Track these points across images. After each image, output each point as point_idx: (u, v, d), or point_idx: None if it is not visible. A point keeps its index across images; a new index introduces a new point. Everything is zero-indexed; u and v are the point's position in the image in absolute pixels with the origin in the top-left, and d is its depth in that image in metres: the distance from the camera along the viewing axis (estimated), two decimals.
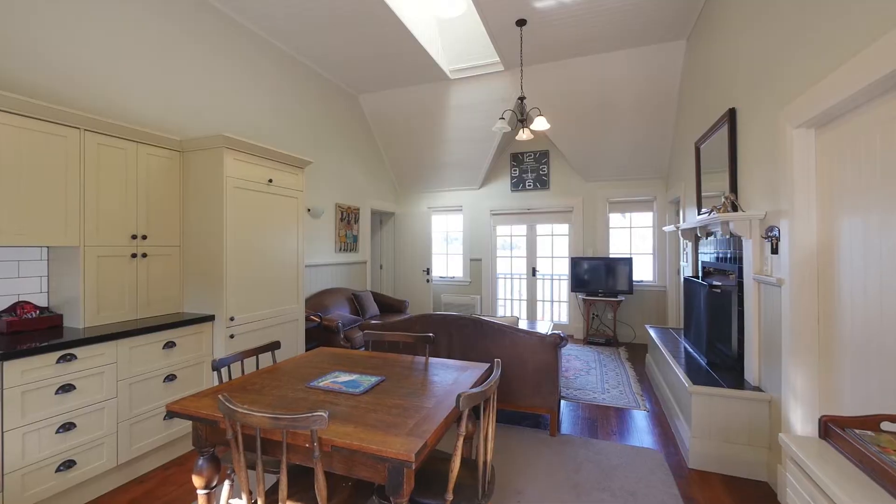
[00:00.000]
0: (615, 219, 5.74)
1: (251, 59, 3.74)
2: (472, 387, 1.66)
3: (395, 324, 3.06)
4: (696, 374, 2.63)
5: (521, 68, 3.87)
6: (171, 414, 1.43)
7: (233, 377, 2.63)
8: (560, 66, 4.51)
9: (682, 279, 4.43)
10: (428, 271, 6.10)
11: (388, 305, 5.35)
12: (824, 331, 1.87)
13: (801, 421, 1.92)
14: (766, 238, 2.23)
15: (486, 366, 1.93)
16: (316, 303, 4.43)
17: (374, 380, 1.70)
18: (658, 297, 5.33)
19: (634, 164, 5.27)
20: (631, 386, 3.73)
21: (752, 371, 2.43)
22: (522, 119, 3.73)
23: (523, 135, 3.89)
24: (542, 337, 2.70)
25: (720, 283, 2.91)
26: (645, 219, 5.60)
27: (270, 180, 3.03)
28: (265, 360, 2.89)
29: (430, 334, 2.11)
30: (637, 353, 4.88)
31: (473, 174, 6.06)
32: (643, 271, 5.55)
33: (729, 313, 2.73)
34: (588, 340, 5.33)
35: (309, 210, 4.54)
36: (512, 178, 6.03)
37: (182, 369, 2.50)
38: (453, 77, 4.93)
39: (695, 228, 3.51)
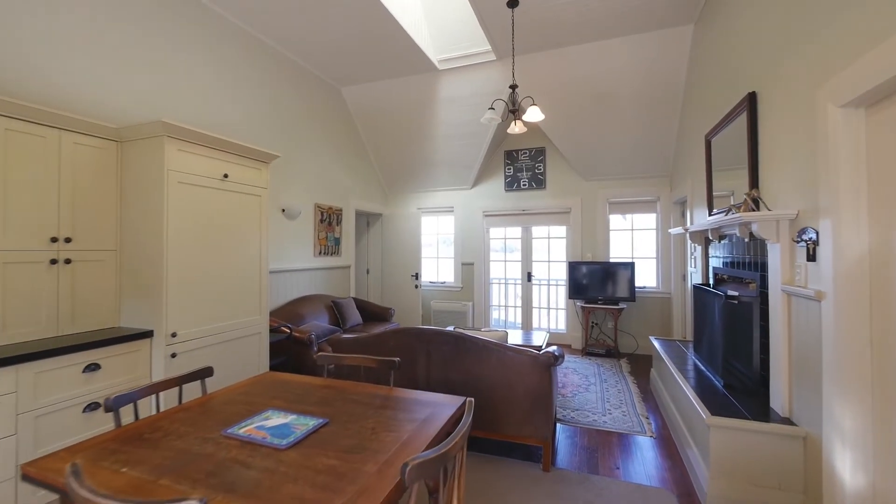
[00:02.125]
0: (616, 221, 5.38)
1: (210, 41, 3.38)
2: (439, 435, 1.29)
3: (368, 339, 2.69)
4: (712, 399, 2.27)
5: (512, 55, 3.53)
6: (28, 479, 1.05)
7: (161, 408, 2.25)
8: (556, 55, 4.16)
9: (689, 286, 4.07)
10: (417, 276, 5.73)
11: (373, 314, 4.98)
12: (879, 358, 1.50)
13: (849, 469, 1.55)
14: (798, 242, 1.87)
15: (461, 402, 1.55)
16: (290, 312, 4.06)
17: (312, 423, 1.32)
18: (662, 304, 4.96)
19: (637, 161, 4.92)
20: (635, 405, 3.35)
21: (779, 398, 2.06)
22: (514, 110, 3.37)
23: (515, 128, 3.53)
24: (533, 356, 2.33)
25: (738, 294, 2.54)
26: (648, 220, 5.24)
27: (226, 175, 2.66)
28: (209, 385, 2.51)
29: (396, 359, 1.75)
30: (640, 366, 4.51)
31: (465, 173, 5.70)
32: (646, 277, 5.18)
33: (749, 329, 2.37)
34: (587, 351, 4.96)
35: (283, 210, 4.18)
36: (506, 177, 5.67)
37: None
38: (442, 67, 4.57)
39: (706, 231, 3.16)
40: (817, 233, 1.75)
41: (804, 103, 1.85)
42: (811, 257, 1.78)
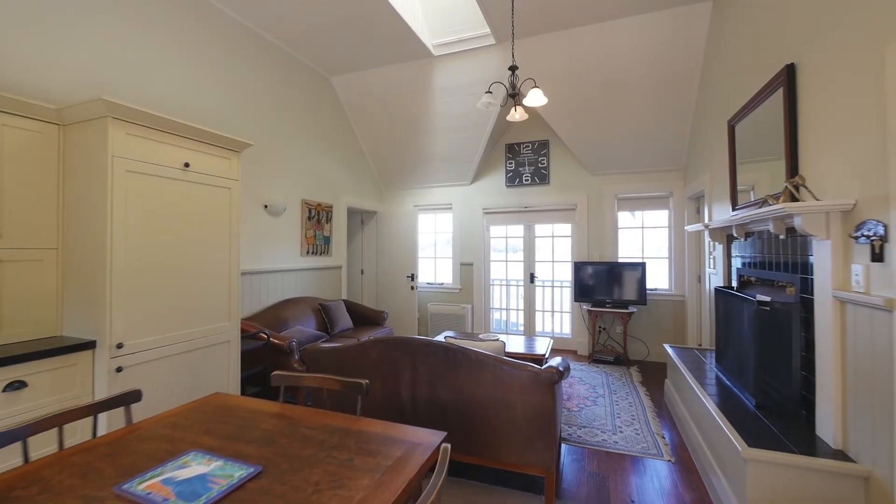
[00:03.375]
0: (625, 218, 5.04)
1: (183, 24, 3.08)
2: (408, 488, 0.96)
3: (348, 349, 2.37)
4: (743, 423, 1.93)
5: (512, 33, 3.20)
6: None
7: (66, 443, 1.95)
8: (560, 37, 3.82)
9: (706, 288, 3.72)
10: (413, 277, 5.41)
11: (364, 317, 4.66)
12: None
13: None
14: (856, 238, 1.53)
15: (439, 439, 1.23)
16: (272, 316, 3.75)
17: (239, 474, 1.01)
18: (675, 308, 4.61)
19: (647, 154, 4.57)
20: (648, 422, 3.01)
21: (828, 425, 1.72)
22: (514, 94, 3.04)
23: (516, 114, 3.20)
24: (534, 372, 2.00)
25: (772, 300, 2.20)
26: (659, 218, 4.89)
27: (187, 164, 2.36)
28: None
29: (363, 382, 1.43)
30: (652, 375, 4.16)
31: (464, 168, 5.37)
32: (658, 278, 4.83)
33: (787, 340, 2.03)
34: (594, 358, 4.61)
35: (266, 206, 3.87)
36: (507, 172, 5.34)
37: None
38: (437, 53, 4.25)
39: (729, 227, 2.81)
40: (886, 227, 1.41)
41: (865, 65, 1.51)
42: (877, 257, 1.44)
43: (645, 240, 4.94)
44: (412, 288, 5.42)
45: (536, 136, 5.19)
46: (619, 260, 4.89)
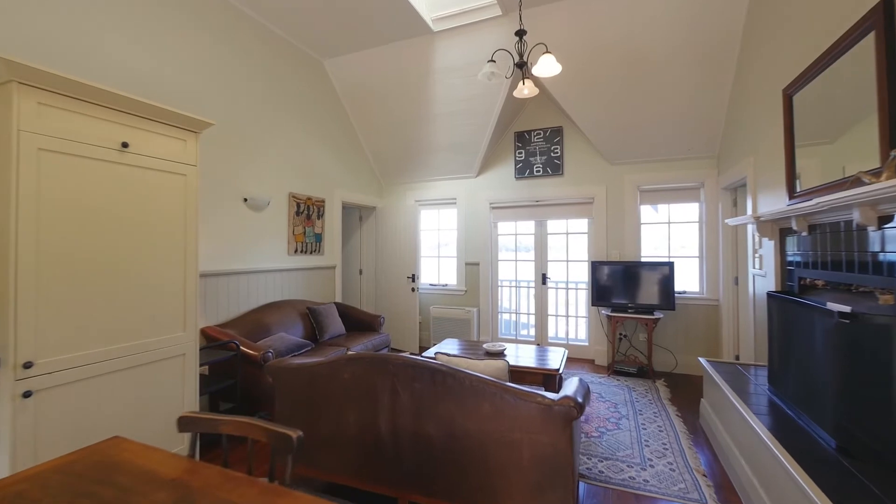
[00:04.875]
0: (647, 213, 4.52)
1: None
2: None
3: (317, 368, 1.95)
4: (820, 469, 1.46)
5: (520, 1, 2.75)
6: None
7: None
8: (575, 4, 3.34)
9: (750, 291, 3.19)
10: (414, 278, 4.98)
11: (359, 322, 4.25)
12: None
13: None
14: None
15: None
16: (252, 322, 3.37)
17: None
18: (708, 314, 4.08)
19: (676, 140, 4.04)
20: (683, 452, 2.52)
21: None
22: (522, 63, 2.58)
23: (524, 89, 2.74)
24: (545, 406, 1.54)
25: (853, 310, 1.69)
26: (688, 212, 4.35)
27: (125, 144, 1.96)
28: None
29: (294, 435, 1.00)
30: (682, 391, 3.64)
31: (469, 159, 4.92)
32: (687, 280, 4.30)
33: (884, 365, 1.53)
34: (614, 369, 4.11)
35: (246, 200, 3.49)
36: (516, 162, 4.86)
37: None
38: (437, 28, 3.81)
39: (788, 219, 2.31)
40: None
41: None
42: None
43: (671, 236, 4.41)
44: (413, 290, 4.99)
45: (548, 122, 4.70)
46: (643, 259, 4.38)
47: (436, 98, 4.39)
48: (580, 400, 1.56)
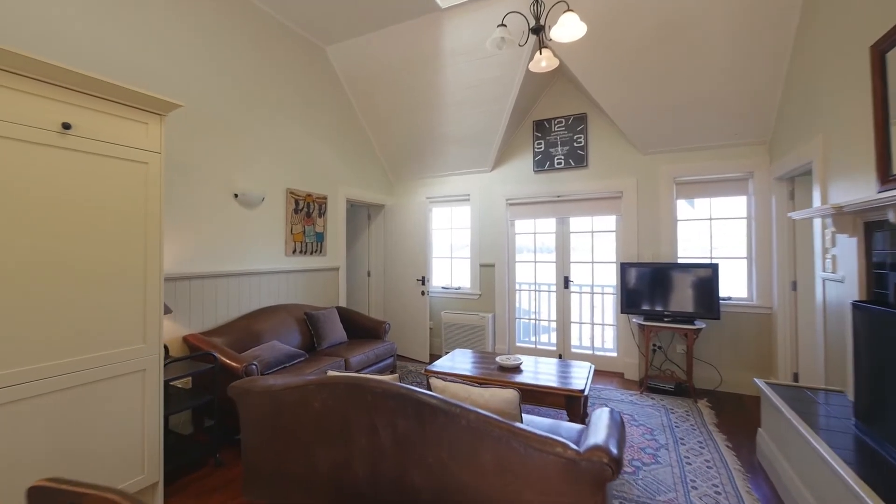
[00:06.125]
0: (683, 208, 4.00)
1: None
2: None
3: (284, 393, 1.60)
4: None
5: None
6: None
7: None
8: None
9: (818, 297, 2.66)
10: (423, 281, 4.62)
11: (362, 328, 3.91)
12: None
13: None
14: None
15: None
16: (243, 329, 3.07)
17: None
18: (759, 324, 3.53)
19: (719, 123, 3.53)
20: (741, 498, 2.04)
21: None
22: (538, 28, 2.17)
23: (542, 60, 2.33)
24: (568, 462, 1.13)
25: None
26: (733, 206, 3.81)
27: (67, 126, 1.67)
28: None
29: None
30: (730, 413, 3.13)
31: (483, 151, 4.52)
32: (733, 284, 3.76)
33: None
34: (648, 385, 3.62)
35: (237, 196, 3.21)
36: (535, 154, 4.43)
37: None
38: (445, 5, 3.43)
39: (880, 210, 1.81)
40: None
41: None
42: None
43: (713, 234, 3.88)
44: (423, 293, 4.62)
45: (571, 108, 4.25)
46: (680, 260, 3.87)
47: (446, 84, 4.02)
48: (615, 452, 1.14)
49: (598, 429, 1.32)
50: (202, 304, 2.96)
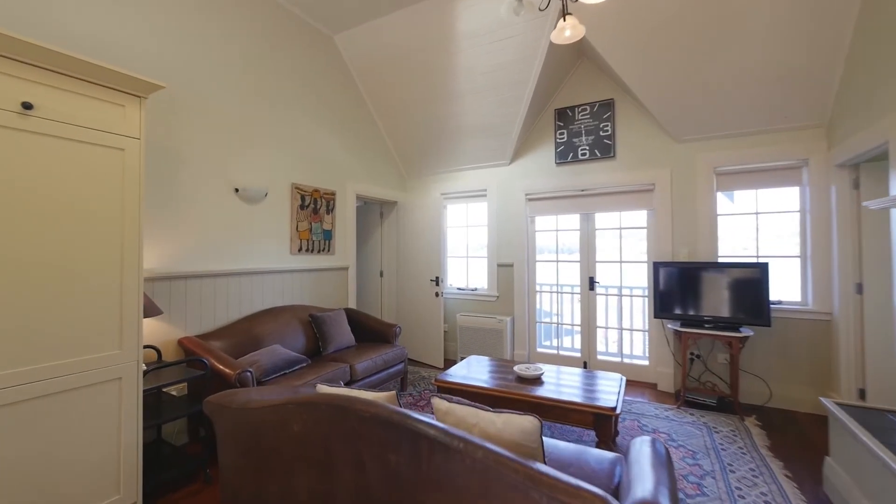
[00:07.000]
0: (723, 202, 3.60)
1: None
2: None
3: (262, 411, 1.36)
4: None
5: None
6: None
7: None
8: None
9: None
10: (437, 281, 4.36)
11: (372, 331, 3.69)
12: None
13: None
14: None
15: None
16: (243, 331, 2.89)
17: None
18: (815, 332, 3.11)
19: (767, 104, 3.13)
20: None
21: None
22: None
23: (566, 29, 2.03)
24: None
25: None
26: (781, 199, 3.40)
27: (27, 105, 1.49)
28: None
29: None
30: (784, 433, 2.73)
31: (501, 143, 4.23)
32: (784, 287, 3.35)
33: None
34: (685, 399, 3.25)
35: (237, 191, 3.03)
36: (557, 145, 4.11)
37: None
38: None
39: None
40: None
41: None
42: None
43: (760, 230, 3.46)
44: (437, 294, 4.37)
45: (596, 94, 3.91)
46: (721, 259, 3.47)
47: (460, 71, 3.75)
48: None
49: (643, 472, 1.02)
50: (200, 305, 2.79)
